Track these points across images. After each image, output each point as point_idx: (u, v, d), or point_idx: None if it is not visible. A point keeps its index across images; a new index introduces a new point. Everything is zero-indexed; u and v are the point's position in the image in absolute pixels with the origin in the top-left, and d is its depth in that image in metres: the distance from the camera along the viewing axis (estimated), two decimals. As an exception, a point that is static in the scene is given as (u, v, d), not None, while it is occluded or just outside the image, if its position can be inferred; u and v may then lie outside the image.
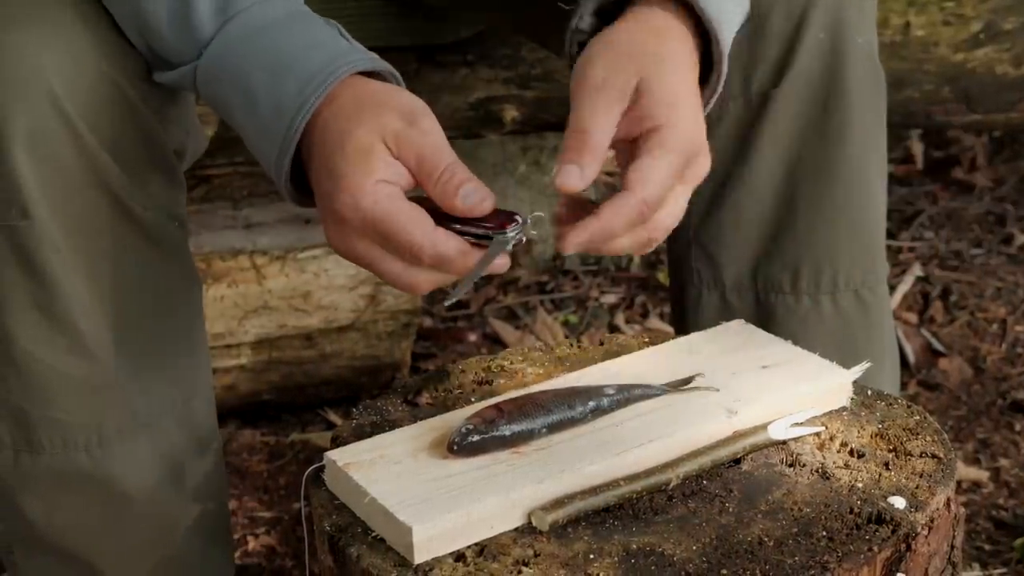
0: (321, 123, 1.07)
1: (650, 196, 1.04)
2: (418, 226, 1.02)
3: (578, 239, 1.05)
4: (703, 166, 1.10)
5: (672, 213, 1.08)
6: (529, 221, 1.06)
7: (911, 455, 1.10)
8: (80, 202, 1.18)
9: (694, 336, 1.27)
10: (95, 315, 1.21)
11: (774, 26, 1.35)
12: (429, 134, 1.05)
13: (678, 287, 1.50)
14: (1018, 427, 2.11)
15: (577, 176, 1.04)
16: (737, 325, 1.28)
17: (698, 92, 1.11)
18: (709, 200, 1.42)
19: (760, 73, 1.36)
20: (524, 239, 1.06)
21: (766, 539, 0.99)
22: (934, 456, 1.09)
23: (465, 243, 1.04)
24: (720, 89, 1.15)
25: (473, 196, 1.03)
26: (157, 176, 1.23)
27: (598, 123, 1.05)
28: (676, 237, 1.48)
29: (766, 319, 1.40)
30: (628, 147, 1.08)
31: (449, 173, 1.03)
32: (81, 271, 1.19)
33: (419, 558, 0.98)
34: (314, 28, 1.12)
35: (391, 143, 1.04)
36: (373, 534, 1.02)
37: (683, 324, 1.48)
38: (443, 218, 1.04)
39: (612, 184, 3.05)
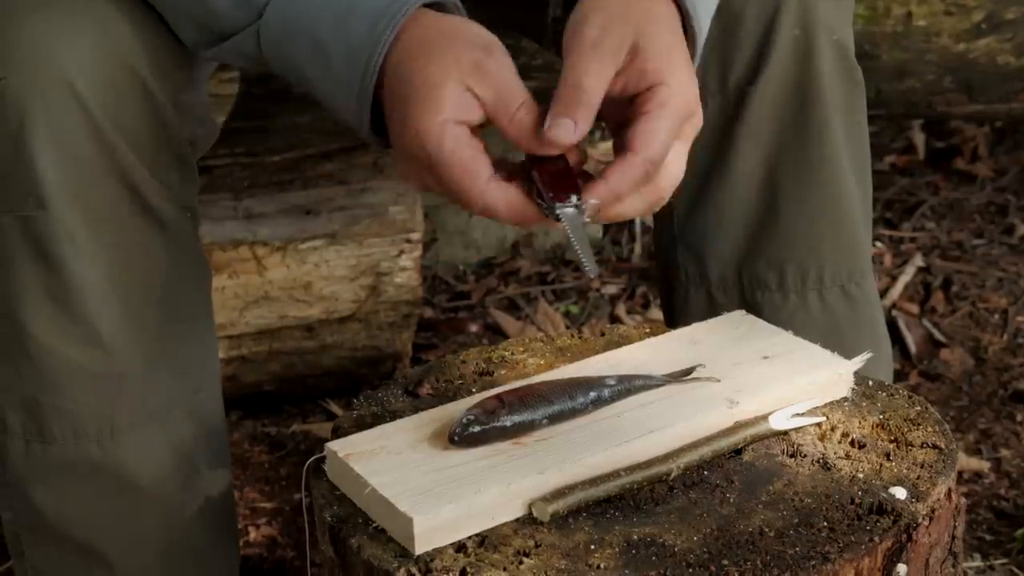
0: (394, 60, 1.06)
1: (654, 154, 1.05)
2: (472, 177, 1.04)
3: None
4: (698, 122, 1.10)
5: (673, 171, 1.08)
6: (584, 206, 1.05)
7: (912, 445, 1.10)
8: (97, 193, 1.18)
9: (695, 327, 1.27)
10: (109, 306, 1.21)
11: (748, 23, 1.35)
12: (505, 67, 1.06)
13: (666, 285, 1.50)
14: (1019, 418, 2.11)
15: (571, 130, 1.04)
16: (738, 316, 1.28)
17: (687, 51, 1.11)
18: (692, 198, 1.42)
19: (736, 71, 1.36)
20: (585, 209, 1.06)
21: (767, 530, 0.99)
22: (935, 447, 1.09)
23: (517, 195, 1.05)
24: (697, 56, 1.14)
25: (560, 130, 1.04)
26: (173, 167, 1.23)
27: (592, 80, 1.05)
28: (662, 234, 1.48)
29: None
30: (620, 105, 1.08)
31: (525, 110, 1.05)
32: (96, 262, 1.19)
33: (420, 549, 0.98)
34: None
35: (467, 76, 1.04)
36: (374, 525, 1.02)
37: (673, 322, 1.48)
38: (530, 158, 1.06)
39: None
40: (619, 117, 1.08)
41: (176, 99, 1.22)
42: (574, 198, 1.05)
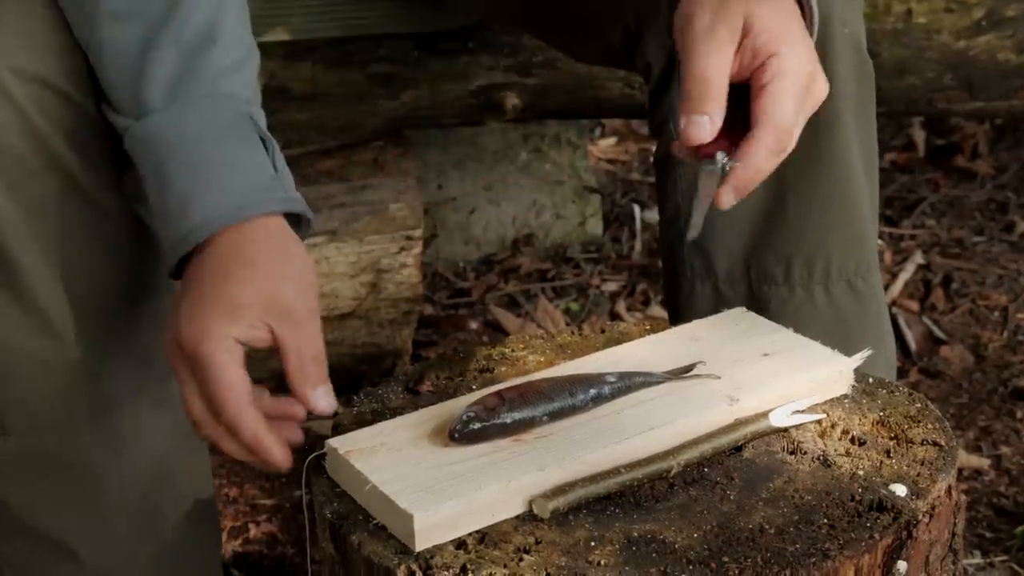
0: (224, 245, 1.08)
1: (784, 122, 1.08)
2: (237, 394, 1.06)
3: (730, 196, 1.11)
4: (821, 89, 1.12)
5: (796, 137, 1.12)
6: (727, 166, 1.10)
7: (912, 443, 1.10)
8: (32, 183, 1.17)
9: (695, 324, 1.27)
10: (57, 295, 1.20)
11: None
12: (309, 325, 1.09)
13: (671, 279, 1.50)
14: (1019, 415, 2.11)
15: (706, 126, 1.07)
16: (738, 313, 1.28)
17: (802, 21, 1.13)
18: None
19: None
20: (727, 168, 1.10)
21: (767, 526, 0.99)
22: (935, 444, 1.09)
23: (263, 429, 1.07)
24: (815, 33, 1.16)
25: (324, 400, 1.10)
26: (112, 159, 1.22)
27: (715, 68, 1.07)
28: (668, 229, 1.48)
29: (760, 310, 1.40)
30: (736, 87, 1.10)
31: (313, 367, 1.10)
32: (39, 251, 1.19)
33: (420, 545, 0.98)
34: (247, 148, 1.12)
35: (273, 317, 1.06)
36: (374, 522, 1.02)
37: (677, 316, 1.48)
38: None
39: (613, 172, 3.05)
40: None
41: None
42: (719, 155, 1.09)
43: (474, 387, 1.20)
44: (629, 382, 1.13)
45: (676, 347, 1.21)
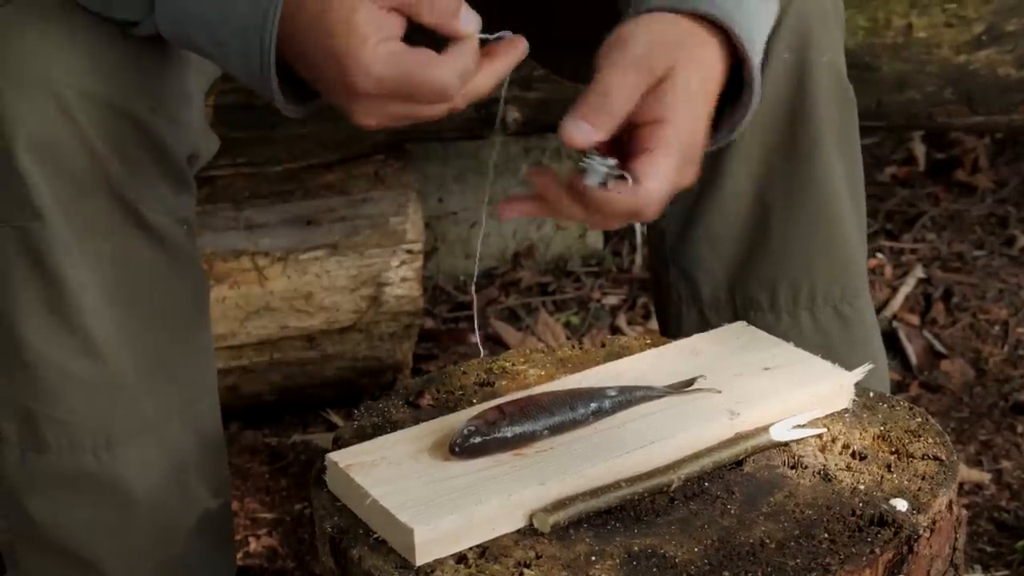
0: (290, 15, 1.05)
1: (656, 192, 1.05)
2: (433, 66, 1.04)
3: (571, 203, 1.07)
4: (690, 175, 1.10)
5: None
6: (607, 171, 1.07)
7: (913, 457, 1.10)
8: (90, 206, 1.18)
9: (696, 338, 1.27)
10: (104, 316, 1.21)
11: None
12: None
13: (660, 303, 1.51)
14: (1020, 429, 2.11)
15: (588, 134, 1.05)
16: (739, 327, 1.28)
17: (710, 111, 1.11)
18: (683, 218, 1.42)
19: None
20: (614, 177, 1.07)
21: (768, 541, 0.99)
22: (936, 458, 1.09)
23: (473, 44, 1.06)
24: (754, 106, 1.14)
25: (469, 16, 1.06)
26: (167, 180, 1.24)
27: (622, 93, 1.06)
28: (655, 254, 1.48)
29: None
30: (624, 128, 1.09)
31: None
32: (91, 273, 1.19)
33: (420, 559, 0.98)
34: None
35: None
36: (374, 536, 1.02)
37: (668, 337, 1.48)
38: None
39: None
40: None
41: (172, 115, 1.22)
42: (608, 159, 1.06)
43: (475, 401, 1.20)
44: (630, 396, 1.13)
45: (677, 361, 1.21)
